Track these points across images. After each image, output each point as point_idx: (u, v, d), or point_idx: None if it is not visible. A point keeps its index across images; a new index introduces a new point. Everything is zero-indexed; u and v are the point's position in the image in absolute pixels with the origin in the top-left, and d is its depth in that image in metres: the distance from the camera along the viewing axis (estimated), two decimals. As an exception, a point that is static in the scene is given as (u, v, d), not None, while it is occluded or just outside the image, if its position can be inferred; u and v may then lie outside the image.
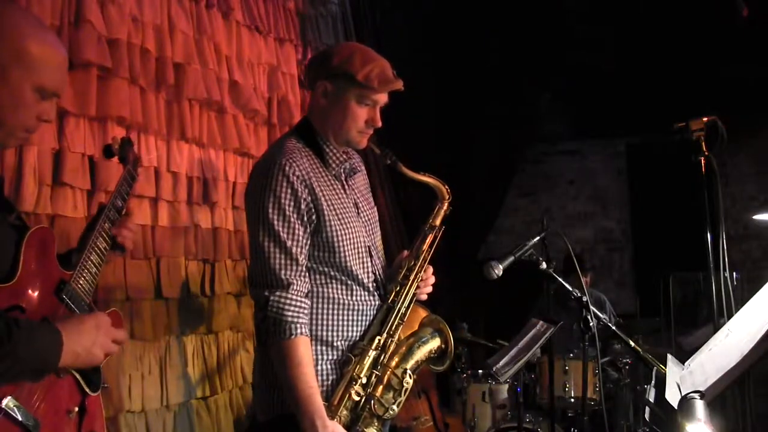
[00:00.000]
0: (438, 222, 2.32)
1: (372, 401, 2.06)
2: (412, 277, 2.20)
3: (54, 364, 1.43)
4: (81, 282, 1.63)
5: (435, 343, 2.21)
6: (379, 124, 2.17)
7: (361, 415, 2.05)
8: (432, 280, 2.31)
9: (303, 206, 2.04)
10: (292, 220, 2.02)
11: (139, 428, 2.77)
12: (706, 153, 2.47)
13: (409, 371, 2.13)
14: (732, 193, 6.51)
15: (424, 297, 2.29)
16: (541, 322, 3.44)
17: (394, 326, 2.14)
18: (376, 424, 2.07)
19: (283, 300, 1.99)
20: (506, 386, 4.19)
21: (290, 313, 1.98)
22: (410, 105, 2.37)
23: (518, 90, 5.79)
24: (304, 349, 1.98)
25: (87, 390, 1.60)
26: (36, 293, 1.52)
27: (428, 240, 2.28)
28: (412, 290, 2.19)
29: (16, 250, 1.50)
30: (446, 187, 2.34)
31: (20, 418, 1.38)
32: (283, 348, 1.97)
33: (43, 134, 2.43)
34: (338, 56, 2.11)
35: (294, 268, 2.02)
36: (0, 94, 1.48)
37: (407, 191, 4.74)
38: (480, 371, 4.34)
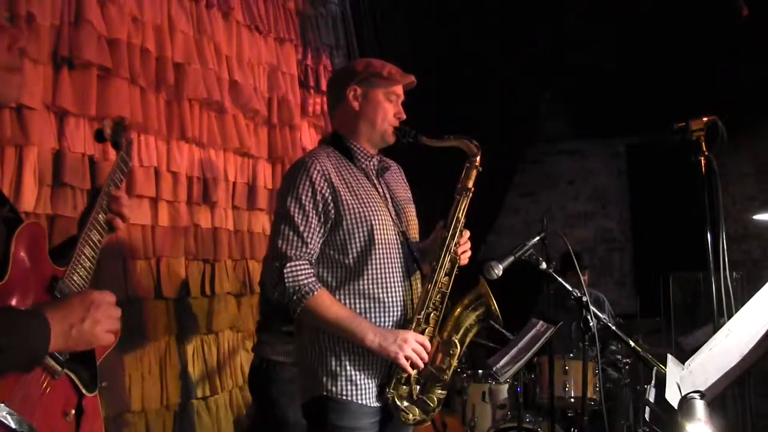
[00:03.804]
0: (470, 184, 2.35)
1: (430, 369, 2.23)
2: (445, 248, 2.27)
3: (43, 349, 1.35)
4: (75, 278, 1.56)
5: (480, 310, 2.30)
6: (404, 115, 2.36)
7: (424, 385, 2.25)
8: (468, 244, 2.35)
9: (319, 198, 2.18)
10: (307, 209, 2.18)
11: (139, 428, 2.77)
12: (706, 153, 2.46)
13: (456, 340, 2.26)
14: (732, 193, 6.51)
15: (465, 261, 2.34)
16: (541, 322, 3.43)
17: (435, 299, 2.24)
18: (438, 391, 2.29)
19: (295, 269, 2.15)
20: (506, 386, 4.19)
21: (303, 277, 2.15)
22: (410, 105, 2.39)
23: (518, 90, 5.78)
24: (329, 297, 2.16)
25: (83, 391, 1.57)
26: (28, 293, 1.45)
27: (462, 206, 2.32)
28: (447, 260, 2.26)
29: (5, 247, 1.43)
30: (474, 142, 2.37)
31: (14, 426, 1.34)
32: (312, 305, 2.14)
33: (43, 134, 2.43)
34: (359, 65, 2.37)
35: (303, 249, 2.17)
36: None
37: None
38: (480, 371, 4.33)
